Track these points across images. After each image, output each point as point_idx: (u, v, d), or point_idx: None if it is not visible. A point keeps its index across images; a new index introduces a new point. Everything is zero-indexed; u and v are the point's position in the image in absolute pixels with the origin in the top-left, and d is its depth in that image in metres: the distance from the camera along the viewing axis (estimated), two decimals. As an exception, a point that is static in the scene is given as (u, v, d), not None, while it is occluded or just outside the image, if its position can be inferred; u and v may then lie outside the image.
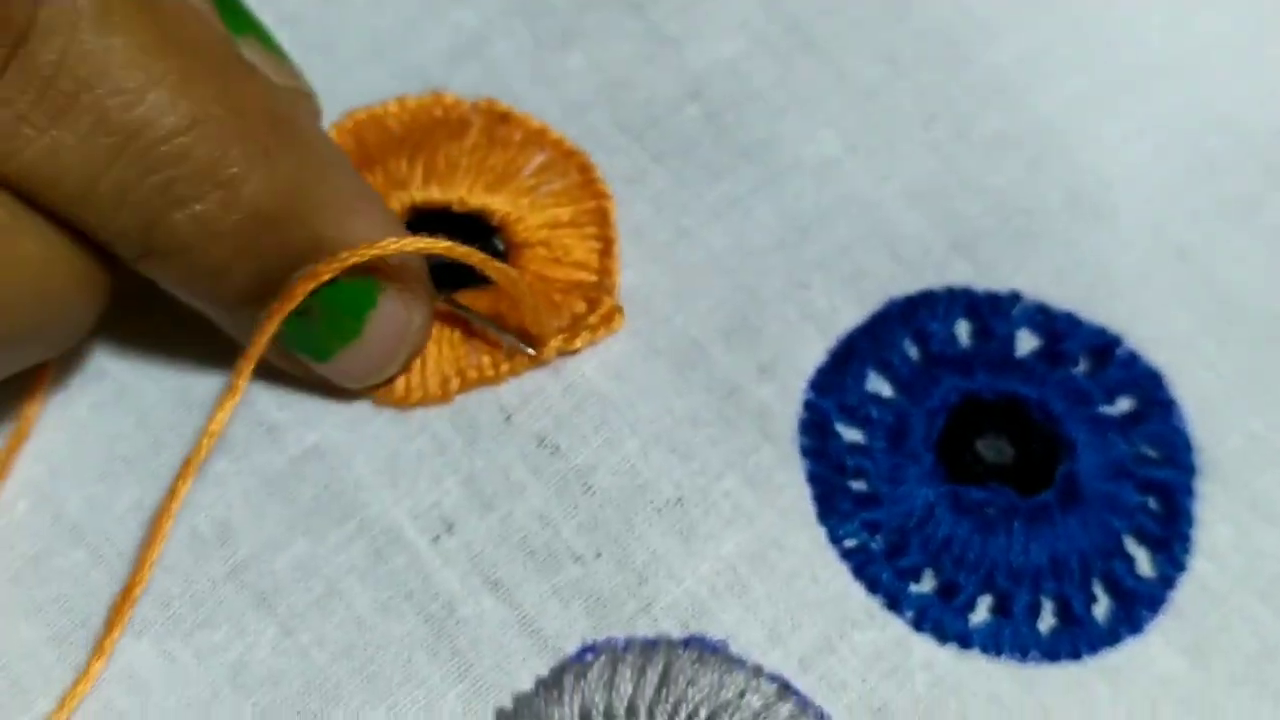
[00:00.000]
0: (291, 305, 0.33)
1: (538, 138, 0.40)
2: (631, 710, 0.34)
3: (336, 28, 0.42)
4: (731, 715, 0.34)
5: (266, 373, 0.36)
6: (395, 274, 0.35)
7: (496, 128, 0.40)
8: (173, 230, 0.32)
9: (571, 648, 0.35)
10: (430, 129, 0.40)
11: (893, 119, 0.41)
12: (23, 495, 0.36)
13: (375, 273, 0.34)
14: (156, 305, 0.36)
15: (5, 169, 0.30)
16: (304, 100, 0.37)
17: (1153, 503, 0.37)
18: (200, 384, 0.37)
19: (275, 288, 0.33)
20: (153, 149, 0.31)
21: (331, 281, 0.33)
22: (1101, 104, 0.43)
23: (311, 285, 0.33)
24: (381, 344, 0.35)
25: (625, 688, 0.34)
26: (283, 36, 0.40)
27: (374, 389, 0.37)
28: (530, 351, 0.37)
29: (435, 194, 0.38)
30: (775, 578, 0.35)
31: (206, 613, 0.35)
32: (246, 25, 0.36)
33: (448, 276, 0.37)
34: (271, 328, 0.33)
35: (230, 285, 0.33)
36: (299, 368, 0.36)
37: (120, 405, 0.37)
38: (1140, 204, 0.41)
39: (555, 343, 0.37)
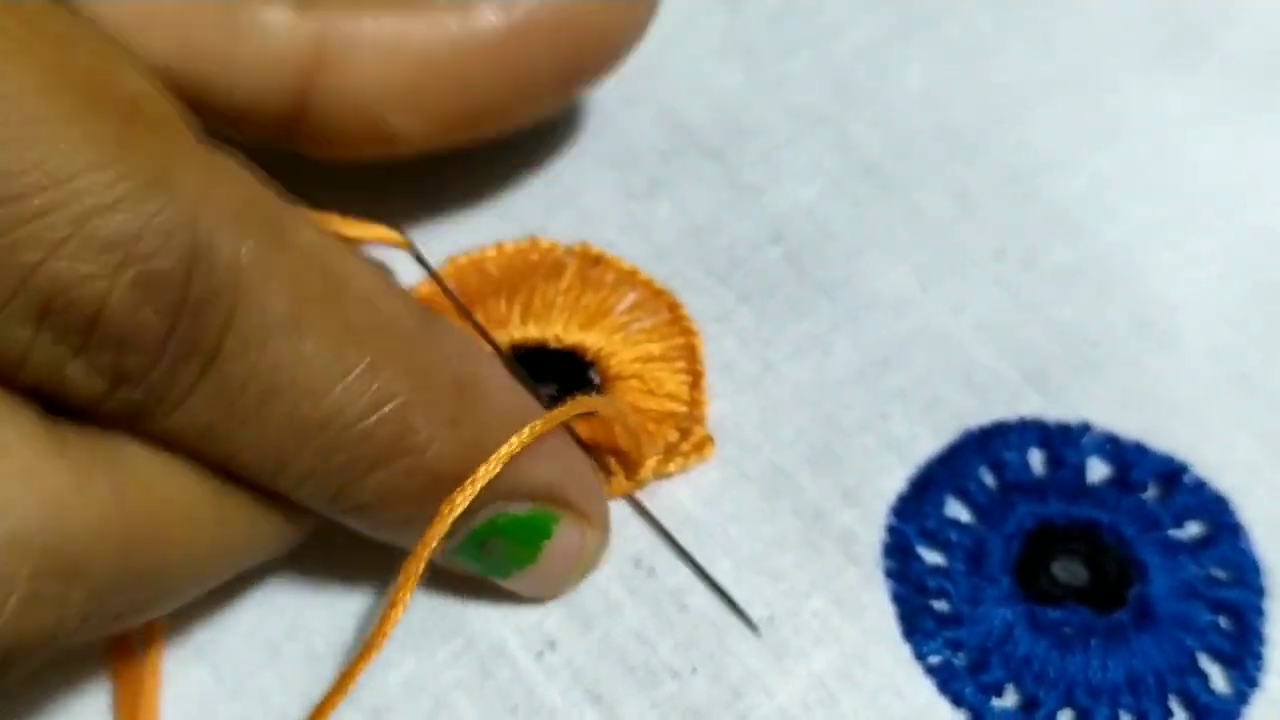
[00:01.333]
0: (427, 551, 0.33)
1: (629, 279, 0.42)
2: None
3: (440, 180, 0.45)
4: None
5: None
6: (571, 501, 0.36)
7: (590, 270, 0.42)
8: (357, 495, 0.32)
9: (669, 761, 0.36)
10: (527, 272, 0.42)
11: (964, 254, 0.44)
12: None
13: (552, 503, 0.35)
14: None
15: (202, 457, 0.31)
16: None
17: (1224, 622, 0.38)
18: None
19: (456, 529, 0.34)
20: (340, 435, 0.31)
21: (511, 517, 0.35)
22: (1164, 233, 0.44)
23: (444, 527, 0.33)
24: (557, 568, 0.36)
25: (721, 800, 0.35)
26: (394, 195, 0.43)
27: None
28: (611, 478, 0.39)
29: (532, 332, 0.41)
30: (863, 693, 0.37)
31: (323, 729, 0.37)
32: None
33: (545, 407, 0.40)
34: (411, 584, 0.34)
35: (411, 533, 0.34)
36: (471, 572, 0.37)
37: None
38: (1204, 330, 0.43)
39: (650, 464, 0.39)
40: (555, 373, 0.41)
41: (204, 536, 0.32)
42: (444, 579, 0.38)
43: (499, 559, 0.36)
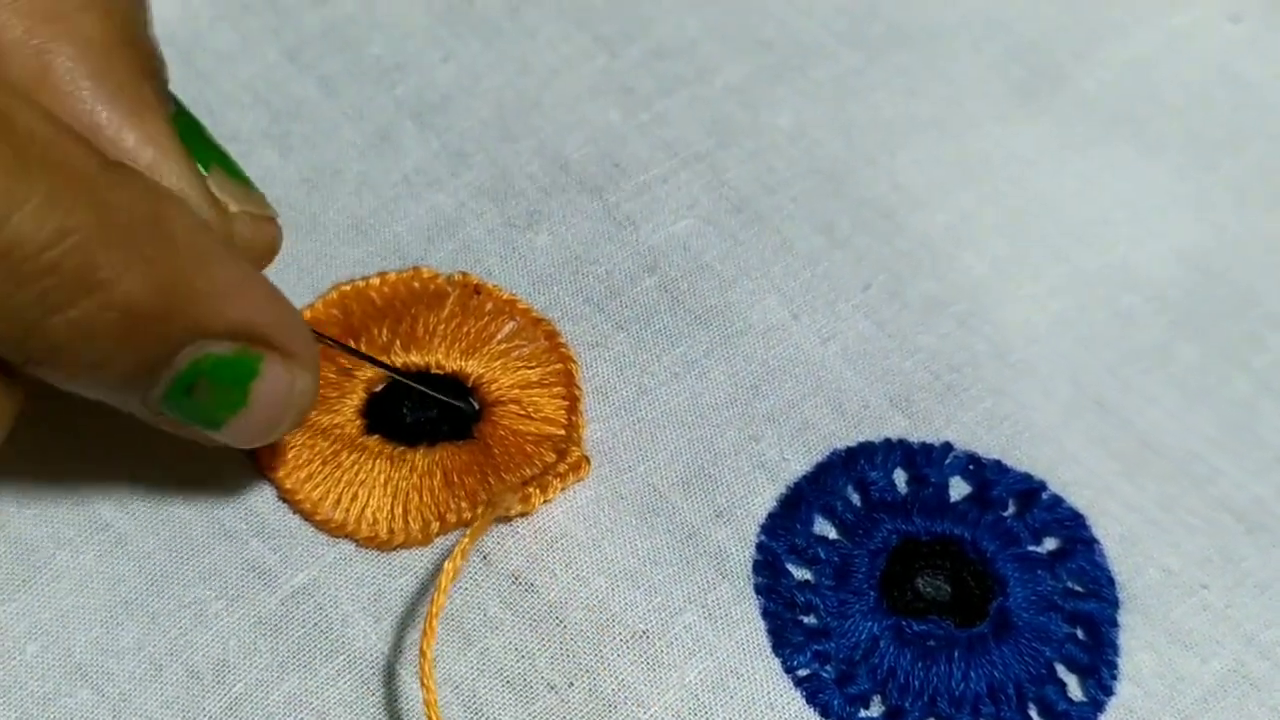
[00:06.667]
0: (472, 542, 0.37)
1: (508, 307, 0.43)
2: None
3: (321, 212, 0.46)
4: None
5: (258, 517, 0.40)
6: (276, 340, 0.36)
7: (470, 298, 0.43)
8: (49, 334, 0.33)
9: (546, 772, 0.37)
10: (409, 300, 0.43)
11: (833, 285, 0.45)
12: (32, 638, 0.38)
13: (255, 342, 0.36)
14: (154, 463, 0.39)
15: None
16: (263, 224, 0.38)
17: (1080, 633, 0.40)
18: (192, 530, 0.40)
19: (159, 372, 0.34)
20: (22, 265, 0.31)
21: (215, 358, 0.35)
22: (1023, 266, 0.46)
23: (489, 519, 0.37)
24: (268, 411, 0.37)
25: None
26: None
27: (350, 530, 0.40)
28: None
29: (414, 358, 0.42)
30: (735, 704, 0.38)
31: (204, 746, 0.37)
32: (212, 155, 0.37)
33: (431, 430, 0.41)
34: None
35: (112, 375, 0.34)
36: (196, 435, 0.37)
37: (121, 553, 0.40)
38: (1061, 357, 0.45)
39: (535, 493, 0.40)
40: (440, 401, 0.42)
41: None
42: (317, 595, 0.39)
43: (208, 405, 0.36)
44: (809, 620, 0.40)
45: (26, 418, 0.35)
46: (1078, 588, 0.41)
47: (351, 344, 0.42)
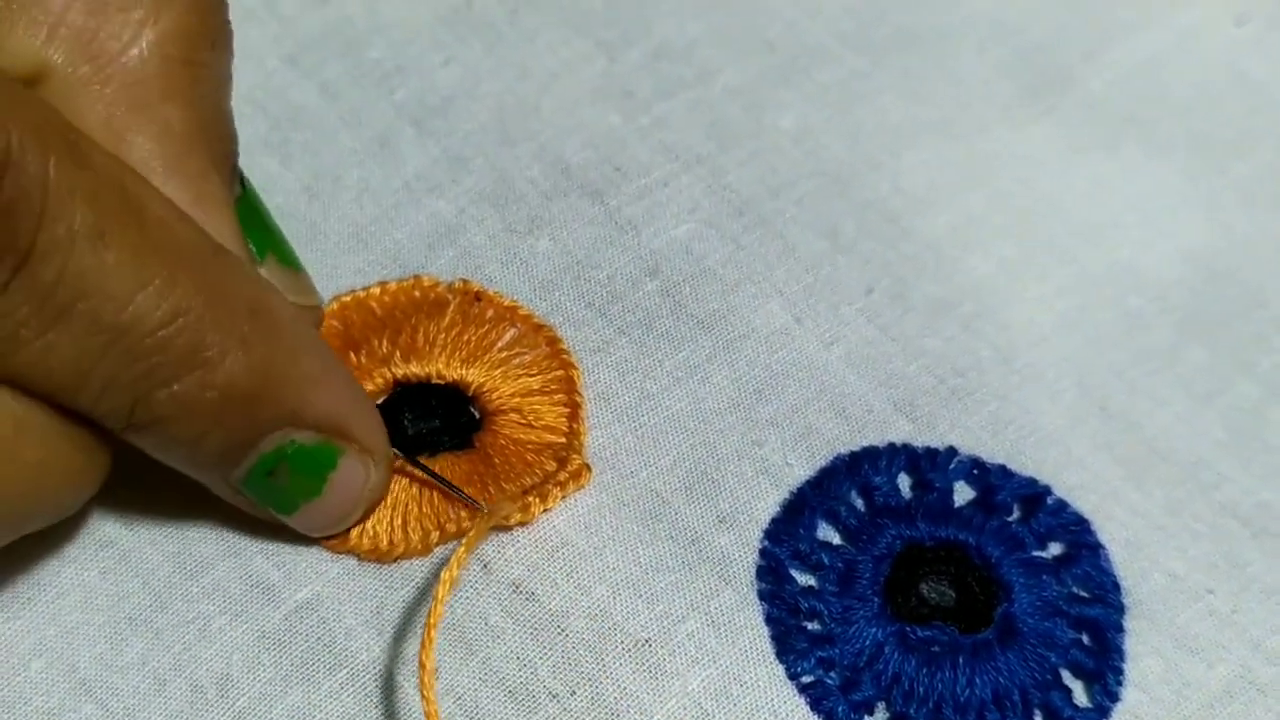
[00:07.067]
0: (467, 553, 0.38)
1: (509, 314, 0.43)
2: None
3: (322, 221, 0.46)
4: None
5: (262, 535, 0.40)
6: (356, 435, 0.38)
7: (470, 306, 0.43)
8: (152, 406, 0.34)
9: (549, 783, 0.37)
10: (410, 310, 0.43)
11: (836, 289, 0.45)
12: (37, 655, 0.38)
13: (338, 435, 0.37)
14: (159, 481, 0.39)
15: (6, 368, 0.33)
16: (307, 311, 0.39)
17: (1086, 638, 0.40)
18: (196, 547, 0.40)
19: (246, 452, 0.36)
20: (139, 343, 0.33)
21: (298, 446, 0.37)
22: (1028, 268, 0.46)
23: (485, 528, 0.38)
24: (341, 500, 0.38)
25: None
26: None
27: (351, 545, 0.40)
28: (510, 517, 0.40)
29: (415, 369, 0.42)
30: (738, 712, 0.38)
31: (208, 760, 0.37)
32: (268, 241, 0.39)
33: (427, 441, 0.41)
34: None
35: (204, 451, 0.36)
36: (268, 516, 0.39)
37: (125, 569, 0.40)
38: (1066, 360, 0.44)
39: (535, 501, 0.40)
40: (438, 408, 0.42)
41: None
42: (320, 610, 0.39)
43: (285, 490, 0.38)
44: (813, 626, 0.39)
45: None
46: (1083, 593, 0.41)
47: (351, 357, 0.42)
